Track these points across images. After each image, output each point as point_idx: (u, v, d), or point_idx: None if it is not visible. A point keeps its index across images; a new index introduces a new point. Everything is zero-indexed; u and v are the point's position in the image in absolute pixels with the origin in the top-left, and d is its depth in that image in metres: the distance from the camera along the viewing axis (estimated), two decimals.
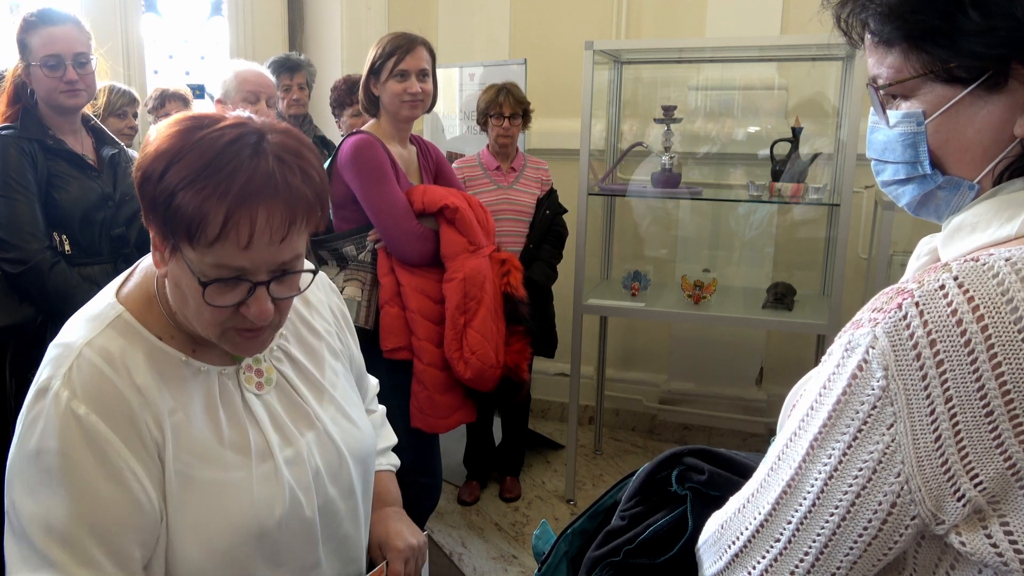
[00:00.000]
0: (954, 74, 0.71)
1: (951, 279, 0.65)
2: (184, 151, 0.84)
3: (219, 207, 0.82)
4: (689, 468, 0.95)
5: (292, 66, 3.13)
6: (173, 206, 0.83)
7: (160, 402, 0.91)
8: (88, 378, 0.88)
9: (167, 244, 0.88)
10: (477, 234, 2.22)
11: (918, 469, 0.64)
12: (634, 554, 0.92)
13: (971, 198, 0.74)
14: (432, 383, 2.19)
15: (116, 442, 0.87)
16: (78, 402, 0.86)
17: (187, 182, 0.83)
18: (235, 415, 0.98)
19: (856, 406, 0.67)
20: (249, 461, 0.96)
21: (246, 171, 0.84)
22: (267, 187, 0.84)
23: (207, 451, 0.94)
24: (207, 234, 0.83)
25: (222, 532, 0.92)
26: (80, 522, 0.85)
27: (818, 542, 0.70)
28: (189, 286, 0.88)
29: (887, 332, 0.65)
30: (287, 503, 0.97)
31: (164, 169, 0.84)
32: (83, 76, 2.02)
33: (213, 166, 0.83)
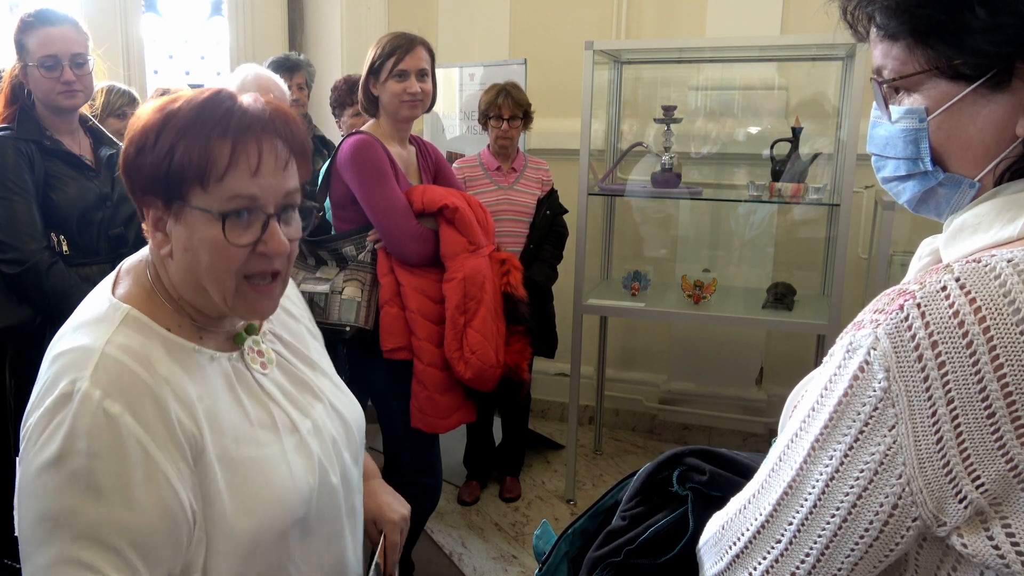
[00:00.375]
0: (958, 71, 0.70)
1: (953, 280, 0.65)
2: (171, 117, 0.90)
3: (223, 141, 0.88)
4: (690, 468, 0.95)
5: (291, 66, 3.13)
6: (176, 158, 0.88)
7: (189, 391, 0.92)
8: (118, 376, 0.87)
9: (171, 207, 0.91)
10: (477, 234, 2.22)
11: (919, 471, 0.64)
12: (635, 554, 0.92)
13: (972, 196, 0.74)
14: (432, 383, 2.19)
15: (150, 444, 0.86)
16: (111, 401, 0.84)
17: (184, 133, 0.88)
18: (255, 395, 1.00)
19: (858, 407, 0.67)
20: (279, 436, 0.99)
21: (239, 111, 0.90)
22: (263, 121, 0.91)
23: (240, 432, 0.95)
24: (218, 166, 0.88)
25: (270, 507, 0.94)
26: (112, 524, 0.83)
27: (819, 543, 0.70)
28: (204, 239, 0.90)
29: (889, 333, 0.65)
30: (317, 472, 1.01)
31: (157, 134, 0.89)
32: (80, 77, 2.01)
33: (205, 114, 0.89)
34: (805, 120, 3.04)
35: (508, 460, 3.32)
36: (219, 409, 0.95)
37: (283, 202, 0.94)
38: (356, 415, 1.16)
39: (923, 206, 0.79)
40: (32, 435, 0.86)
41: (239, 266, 0.93)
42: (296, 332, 1.14)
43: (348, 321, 2.17)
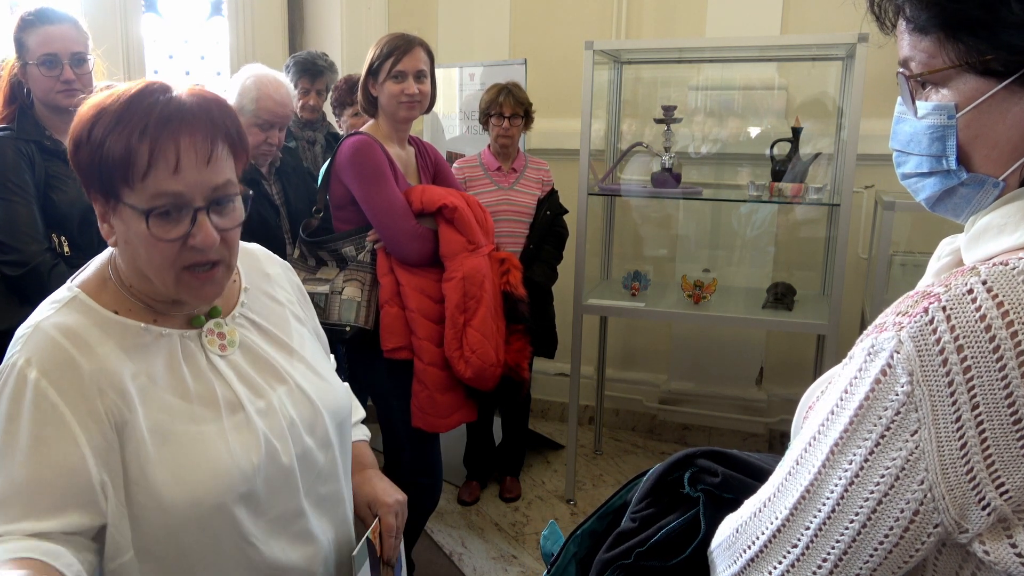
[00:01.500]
0: (990, 67, 0.68)
1: (979, 283, 0.63)
2: (104, 110, 0.94)
3: (143, 140, 0.91)
4: (702, 470, 0.94)
5: (316, 72, 3.07)
6: (104, 154, 0.92)
7: (122, 368, 0.96)
8: (43, 348, 0.94)
9: (109, 202, 0.95)
10: (476, 233, 2.22)
11: (942, 477, 0.63)
12: (645, 556, 0.91)
13: (994, 197, 0.72)
14: (433, 382, 2.19)
15: (61, 407, 0.91)
16: (31, 368, 0.92)
17: (110, 129, 0.92)
18: (199, 372, 1.03)
19: (879, 411, 0.65)
20: (219, 413, 1.01)
21: (160, 106, 0.93)
22: (183, 115, 0.94)
23: (175, 407, 0.99)
24: (138, 166, 0.92)
25: (204, 482, 0.97)
26: (10, 483, 0.89)
27: (837, 549, 0.68)
28: (137, 232, 0.95)
29: (913, 336, 0.64)
30: (263, 450, 1.02)
31: (90, 129, 0.94)
32: (80, 76, 2.00)
33: (130, 110, 0.93)
34: (805, 120, 3.04)
35: (508, 460, 3.32)
36: (155, 385, 0.99)
37: (212, 196, 0.96)
38: (332, 402, 1.16)
39: (941, 205, 0.77)
40: None
41: (173, 259, 0.96)
42: (277, 317, 1.16)
43: (348, 321, 2.17)
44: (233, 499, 0.99)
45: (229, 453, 0.99)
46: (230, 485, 0.98)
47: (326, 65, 3.12)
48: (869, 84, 2.59)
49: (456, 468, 3.31)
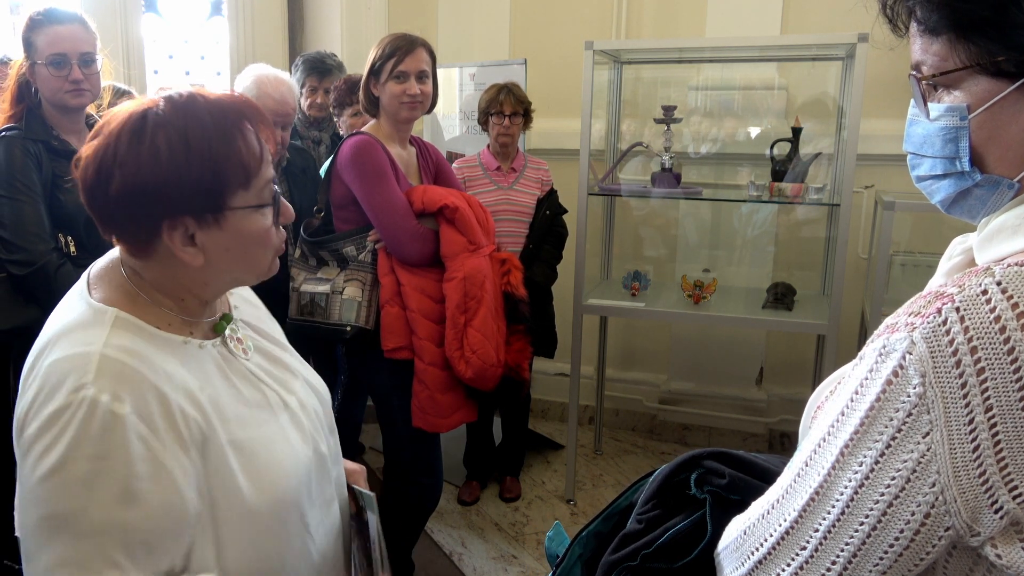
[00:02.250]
0: (1002, 68, 0.68)
1: (994, 284, 0.63)
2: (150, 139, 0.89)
3: (249, 135, 0.94)
4: (709, 471, 0.93)
5: (324, 71, 3.07)
6: (220, 169, 0.91)
7: (190, 383, 0.94)
8: (122, 376, 0.87)
9: (205, 219, 0.93)
10: (477, 234, 2.23)
11: (954, 480, 0.62)
12: (652, 558, 0.90)
13: (1010, 198, 0.72)
14: (433, 382, 2.19)
15: (154, 442, 0.87)
16: (119, 403, 0.85)
17: (209, 142, 0.90)
18: (246, 378, 1.04)
19: (891, 413, 0.65)
20: (274, 414, 1.04)
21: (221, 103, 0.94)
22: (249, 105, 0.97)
23: (241, 415, 0.99)
24: (255, 162, 0.94)
25: (281, 482, 0.99)
26: (115, 524, 0.84)
27: (846, 552, 0.68)
28: (251, 232, 0.96)
29: (925, 337, 0.63)
30: (311, 443, 1.08)
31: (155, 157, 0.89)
32: (88, 76, 2.01)
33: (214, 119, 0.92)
34: (805, 120, 3.04)
35: (508, 460, 3.32)
36: (220, 396, 0.98)
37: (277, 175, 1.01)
38: (324, 390, 1.22)
39: (956, 207, 0.77)
40: (34, 443, 0.85)
41: (277, 243, 1.01)
42: (260, 317, 1.19)
43: (349, 321, 2.17)
44: (303, 493, 1.03)
45: (292, 450, 1.03)
46: (300, 480, 1.02)
47: (335, 64, 3.12)
48: (869, 84, 2.59)
49: (456, 468, 3.31)
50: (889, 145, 3.06)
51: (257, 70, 2.37)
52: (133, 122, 0.90)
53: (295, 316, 2.24)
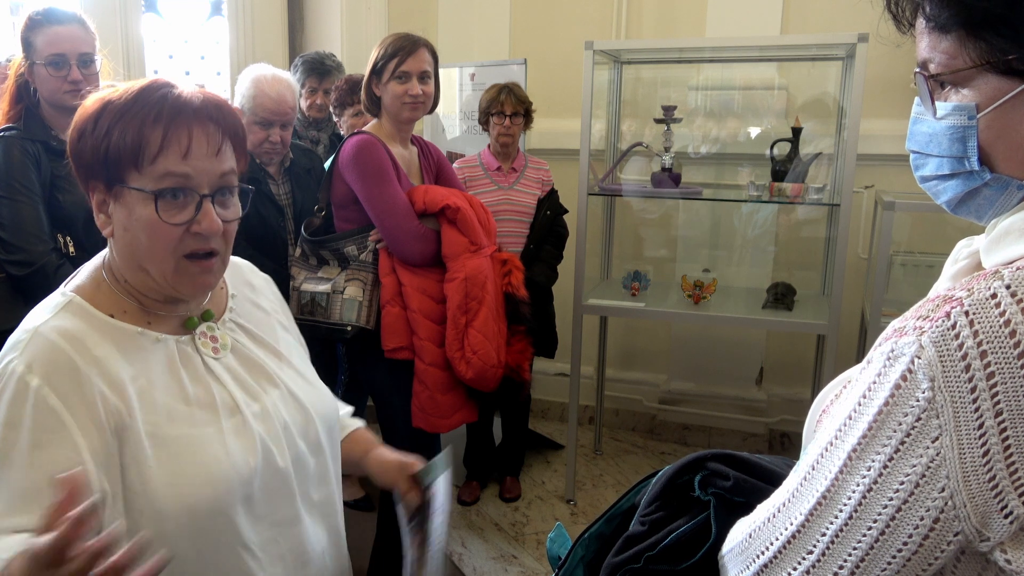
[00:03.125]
0: (1012, 67, 0.67)
1: (1003, 287, 0.62)
2: (108, 104, 0.97)
3: (156, 125, 0.95)
4: (713, 473, 0.92)
5: (324, 71, 3.08)
6: (113, 141, 0.95)
7: (121, 371, 0.95)
8: (43, 353, 0.92)
9: (112, 189, 0.97)
10: (478, 234, 2.22)
11: (964, 484, 0.62)
12: (655, 560, 0.90)
13: (1018, 199, 0.71)
14: (434, 383, 2.19)
15: (63, 413, 0.90)
16: (32, 375, 0.90)
17: (118, 117, 0.95)
18: (198, 376, 1.03)
19: (899, 417, 0.64)
20: (218, 416, 1.01)
21: (172, 97, 0.96)
22: (194, 107, 0.97)
23: (174, 410, 0.98)
24: (151, 149, 0.94)
25: (202, 486, 0.96)
26: (17, 489, 0.86)
27: (854, 556, 0.67)
28: (141, 218, 0.96)
29: (934, 341, 0.63)
30: (260, 453, 1.02)
31: (96, 119, 0.96)
32: (87, 76, 2.00)
33: (140, 101, 0.96)
34: (805, 120, 3.04)
35: (508, 460, 3.32)
36: (154, 388, 0.98)
37: (218, 183, 0.99)
38: (322, 408, 1.16)
39: (963, 207, 0.76)
40: None
41: (175, 245, 0.98)
42: (265, 323, 1.17)
43: (349, 321, 2.17)
44: (231, 503, 0.98)
45: (227, 456, 0.98)
46: (228, 489, 0.97)
47: (334, 65, 3.13)
48: (869, 84, 2.59)
49: (456, 468, 3.31)
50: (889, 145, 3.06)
51: (256, 70, 2.37)
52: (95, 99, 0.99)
53: (295, 315, 2.23)
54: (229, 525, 0.98)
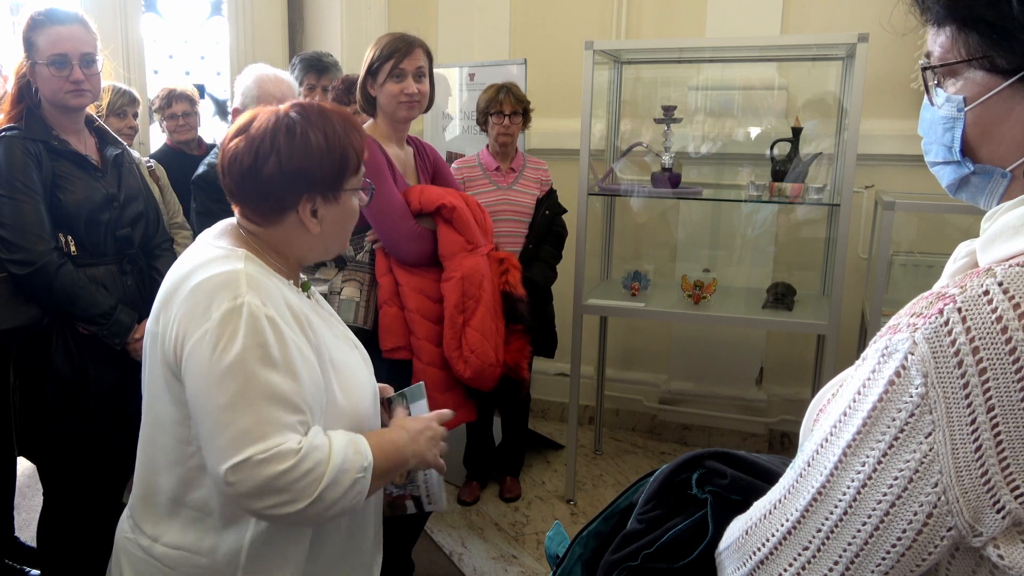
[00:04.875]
0: (996, 64, 0.69)
1: (996, 284, 0.63)
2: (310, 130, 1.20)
3: (349, 142, 1.22)
4: (710, 471, 0.93)
5: (322, 68, 3.09)
6: (345, 155, 1.21)
7: (302, 309, 1.20)
8: (264, 290, 1.14)
9: (329, 196, 1.21)
10: (475, 233, 2.22)
11: (957, 480, 0.63)
12: (653, 558, 0.90)
13: (1005, 186, 0.73)
14: (432, 382, 2.18)
15: (296, 336, 1.15)
16: (268, 308, 1.12)
17: (338, 137, 1.21)
18: (327, 319, 1.32)
19: (893, 413, 0.65)
20: (352, 348, 1.32)
21: (336, 113, 1.24)
22: (351, 116, 1.28)
23: (333, 341, 1.26)
24: (360, 155, 1.25)
25: (360, 399, 1.26)
26: (290, 389, 1.11)
27: (849, 552, 0.68)
28: (352, 208, 1.26)
29: (927, 338, 0.64)
30: (370, 377, 1.33)
31: (305, 139, 1.18)
32: (89, 76, 2.00)
33: (327, 121, 1.21)
34: (805, 120, 3.04)
35: (508, 460, 3.32)
36: (319, 324, 1.23)
37: None
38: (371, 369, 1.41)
39: (961, 192, 0.79)
40: (206, 347, 1.10)
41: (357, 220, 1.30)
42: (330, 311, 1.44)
43: (347, 321, 2.16)
44: (372, 414, 1.28)
45: (367, 377, 1.30)
46: (371, 402, 1.28)
47: (332, 63, 3.14)
48: (869, 84, 2.59)
49: (456, 468, 3.31)
50: (889, 145, 3.06)
51: (257, 70, 2.37)
52: (285, 121, 1.18)
53: None
54: (368, 429, 1.26)
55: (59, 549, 2.17)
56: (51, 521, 2.18)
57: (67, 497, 2.13)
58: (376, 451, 1.18)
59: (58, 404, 1.98)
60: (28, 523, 2.73)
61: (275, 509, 1.08)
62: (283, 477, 1.07)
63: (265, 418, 1.08)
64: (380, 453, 1.18)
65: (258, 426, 1.08)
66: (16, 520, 2.65)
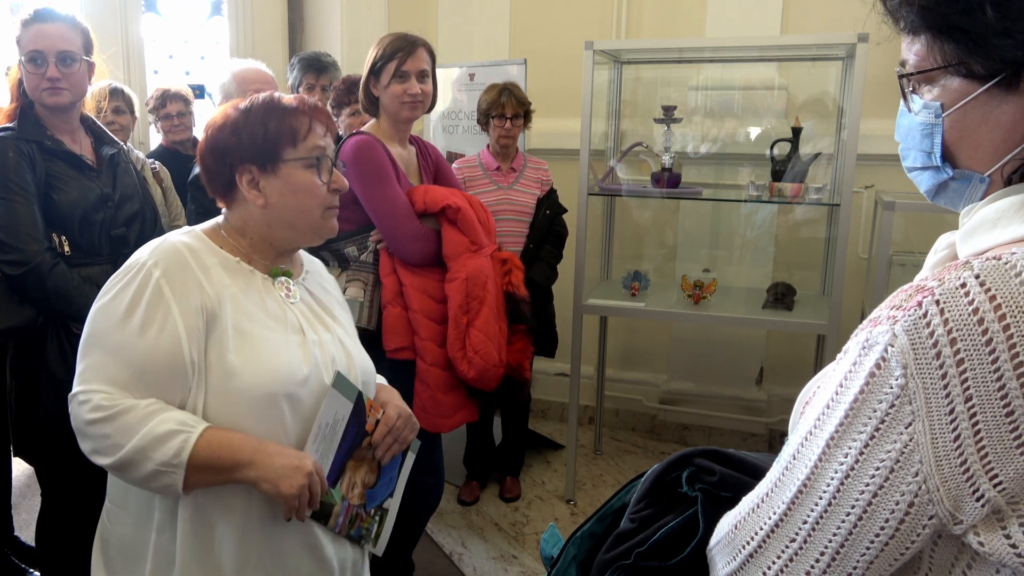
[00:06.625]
0: (972, 70, 0.71)
1: (972, 277, 0.64)
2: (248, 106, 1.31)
3: (300, 115, 1.31)
4: (700, 469, 0.95)
5: (321, 68, 3.10)
6: (271, 129, 1.28)
7: (221, 279, 1.26)
8: (169, 256, 1.24)
9: (267, 167, 1.28)
10: (479, 234, 2.22)
11: (936, 469, 0.64)
12: (645, 556, 0.91)
13: (983, 191, 0.74)
14: (435, 383, 2.19)
15: (172, 303, 1.20)
16: (156, 268, 1.22)
17: (265, 113, 1.29)
18: (275, 299, 1.33)
19: (874, 404, 0.66)
20: (286, 331, 1.30)
21: (294, 97, 1.34)
22: (314, 104, 1.35)
23: (254, 315, 1.27)
24: (302, 130, 1.30)
25: (264, 373, 1.23)
26: (129, 348, 1.19)
27: (834, 542, 0.69)
28: (298, 182, 1.30)
29: (907, 330, 0.65)
30: (310, 367, 1.29)
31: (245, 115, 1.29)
32: (67, 75, 1.97)
33: (274, 101, 1.31)
34: (805, 120, 3.04)
35: (508, 460, 3.32)
36: (244, 297, 1.27)
37: (333, 156, 1.36)
38: (362, 363, 1.43)
39: (940, 197, 0.80)
40: (104, 289, 1.25)
41: (323, 199, 1.32)
42: (326, 297, 1.46)
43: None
44: (280, 396, 1.24)
45: (287, 358, 1.26)
46: (283, 381, 1.24)
47: (330, 62, 3.14)
48: (869, 84, 2.59)
49: (456, 468, 3.31)
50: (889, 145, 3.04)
51: (232, 66, 2.50)
52: (231, 110, 1.31)
53: None
54: (277, 413, 1.25)
55: (58, 549, 2.16)
56: (50, 521, 2.17)
57: (65, 497, 2.13)
58: (209, 448, 1.17)
59: (54, 405, 1.97)
60: (28, 523, 2.73)
61: (91, 455, 1.20)
62: (91, 427, 1.18)
63: (97, 364, 1.19)
64: (211, 452, 1.17)
65: (89, 370, 1.20)
66: (16, 520, 2.65)
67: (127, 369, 1.19)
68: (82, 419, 1.19)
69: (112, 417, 1.16)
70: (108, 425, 1.16)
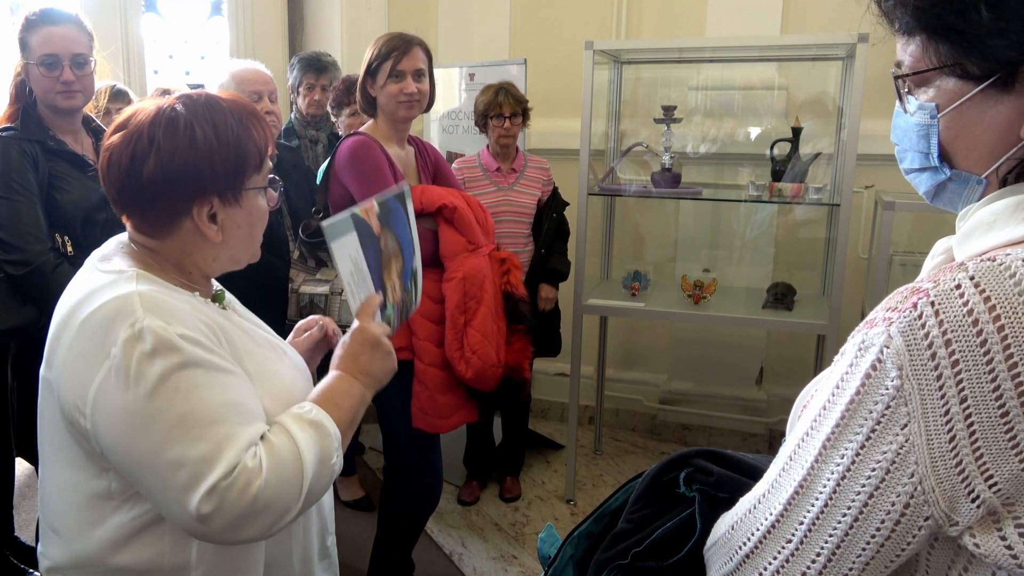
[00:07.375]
0: (967, 71, 0.71)
1: (967, 279, 0.65)
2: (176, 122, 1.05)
3: (250, 132, 1.08)
4: (697, 470, 0.95)
5: (321, 67, 3.09)
6: (240, 150, 1.06)
7: (202, 319, 1.05)
8: (164, 307, 1.00)
9: (227, 196, 1.07)
10: (476, 233, 2.22)
11: (932, 470, 0.64)
12: (642, 557, 0.92)
13: (980, 192, 0.75)
14: (433, 383, 2.19)
15: (210, 349, 1.01)
16: (172, 328, 0.98)
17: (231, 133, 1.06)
18: (244, 328, 1.16)
19: (870, 406, 0.66)
20: (279, 354, 1.20)
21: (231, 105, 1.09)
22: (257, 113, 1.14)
23: (255, 350, 1.13)
24: (263, 147, 1.10)
25: (287, 397, 1.12)
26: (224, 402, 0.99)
27: (830, 543, 0.70)
28: (258, 208, 1.12)
29: (902, 331, 0.65)
30: (305, 382, 1.22)
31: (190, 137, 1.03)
32: (80, 77, 2.00)
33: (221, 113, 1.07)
34: (805, 120, 3.04)
35: (508, 460, 3.32)
36: (228, 333, 1.08)
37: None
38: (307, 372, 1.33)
39: (938, 199, 0.80)
40: (116, 386, 0.96)
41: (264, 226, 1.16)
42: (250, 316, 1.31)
43: (348, 322, 2.15)
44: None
45: (296, 379, 1.19)
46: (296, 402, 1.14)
47: (330, 62, 3.14)
48: (869, 84, 2.59)
49: (456, 468, 3.31)
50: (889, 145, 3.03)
51: (231, 65, 2.49)
52: (167, 114, 1.03)
53: (294, 317, 2.24)
54: None
55: None
56: None
57: None
58: (335, 415, 1.09)
59: None
60: (28, 523, 2.73)
61: (270, 529, 0.99)
62: (261, 496, 0.96)
63: (220, 435, 0.96)
64: (339, 416, 1.09)
65: (215, 449, 0.95)
66: (16, 520, 2.65)
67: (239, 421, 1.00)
68: (243, 504, 0.95)
69: (268, 472, 0.98)
70: (272, 480, 0.98)
